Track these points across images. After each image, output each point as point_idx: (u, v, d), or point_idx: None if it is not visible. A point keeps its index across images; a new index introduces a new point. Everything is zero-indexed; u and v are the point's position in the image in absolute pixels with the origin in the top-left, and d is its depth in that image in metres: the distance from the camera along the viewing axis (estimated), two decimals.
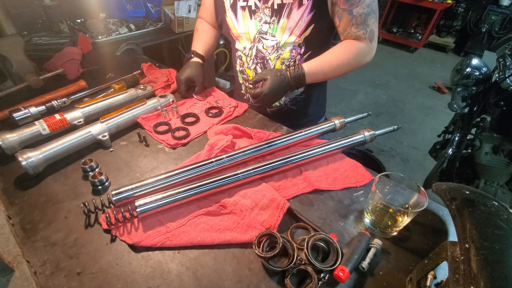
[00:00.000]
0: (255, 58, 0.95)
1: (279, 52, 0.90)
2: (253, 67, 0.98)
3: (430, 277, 0.46)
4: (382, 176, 0.61)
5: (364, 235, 0.54)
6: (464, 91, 1.53)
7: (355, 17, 0.80)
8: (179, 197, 0.60)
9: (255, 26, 0.89)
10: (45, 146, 0.70)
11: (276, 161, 0.69)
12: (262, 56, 0.93)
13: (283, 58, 0.91)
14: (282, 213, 0.60)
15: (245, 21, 0.90)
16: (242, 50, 0.97)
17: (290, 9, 0.82)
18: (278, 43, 0.88)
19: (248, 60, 0.98)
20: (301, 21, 0.82)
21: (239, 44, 0.98)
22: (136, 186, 0.62)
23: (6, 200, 0.64)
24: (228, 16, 0.93)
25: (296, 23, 0.83)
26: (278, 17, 0.84)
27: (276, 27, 0.86)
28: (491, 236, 0.39)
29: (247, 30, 0.91)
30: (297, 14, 0.82)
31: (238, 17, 0.91)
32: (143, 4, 1.86)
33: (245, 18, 0.89)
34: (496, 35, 4.11)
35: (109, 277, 0.51)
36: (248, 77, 1.02)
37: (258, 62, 0.95)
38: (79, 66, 1.16)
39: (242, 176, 0.65)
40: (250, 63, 0.97)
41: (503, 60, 1.39)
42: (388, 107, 3.21)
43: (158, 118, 0.90)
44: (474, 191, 0.49)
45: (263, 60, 0.94)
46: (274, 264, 0.52)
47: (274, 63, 0.93)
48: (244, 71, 1.02)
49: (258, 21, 0.88)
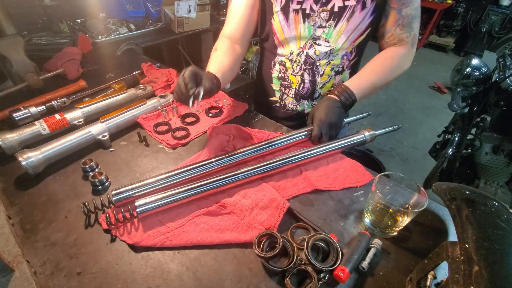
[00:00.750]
0: (303, 64, 0.89)
1: (330, 58, 0.86)
2: (299, 73, 0.91)
3: (430, 277, 0.46)
4: (382, 176, 0.61)
5: (364, 235, 0.54)
6: (464, 91, 1.53)
7: (403, 17, 0.77)
8: (179, 197, 0.60)
9: (309, 31, 0.83)
10: (45, 146, 0.70)
11: (276, 161, 0.69)
12: (311, 62, 0.87)
13: (333, 64, 0.87)
14: (282, 213, 0.60)
15: (298, 25, 0.83)
16: (288, 55, 0.90)
17: (352, 12, 0.77)
18: (333, 49, 0.84)
19: (294, 66, 0.91)
20: (361, 25, 0.79)
21: (283, 49, 0.90)
22: (136, 186, 0.62)
23: (6, 200, 0.64)
24: (276, 19, 0.85)
25: (355, 27, 0.79)
26: (336, 21, 0.79)
27: (331, 32, 0.81)
28: (491, 236, 0.39)
29: (298, 35, 0.85)
30: (359, 17, 0.78)
31: (290, 20, 0.83)
32: (143, 4, 1.86)
33: (297, 22, 0.83)
34: (496, 35, 4.11)
35: (109, 277, 0.51)
36: (291, 83, 0.95)
37: (307, 68, 0.89)
38: (79, 66, 1.16)
39: (242, 176, 0.65)
40: (297, 69, 0.90)
41: (503, 60, 1.39)
42: (388, 107, 3.21)
43: (158, 118, 0.90)
44: (474, 191, 0.48)
45: (313, 66, 0.88)
46: (274, 264, 0.52)
47: (324, 69, 0.88)
48: (286, 77, 0.95)
49: (312, 25, 0.82)
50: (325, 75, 0.89)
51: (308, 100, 0.97)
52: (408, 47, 0.82)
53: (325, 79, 0.90)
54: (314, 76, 0.90)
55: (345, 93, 0.77)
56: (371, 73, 0.81)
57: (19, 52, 1.03)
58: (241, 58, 0.93)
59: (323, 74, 0.89)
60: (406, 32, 0.80)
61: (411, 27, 0.79)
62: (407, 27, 0.79)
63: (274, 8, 0.84)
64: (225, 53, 0.86)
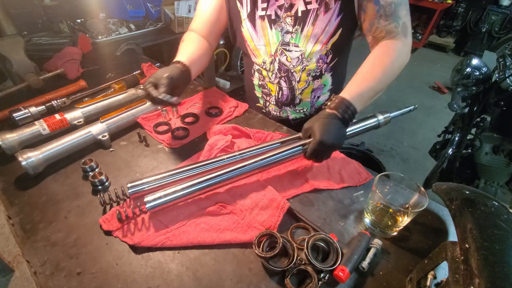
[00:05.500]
0: (278, 72, 0.87)
1: (304, 64, 0.83)
2: (276, 81, 0.90)
3: (430, 277, 0.46)
4: (382, 176, 0.61)
5: (364, 235, 0.54)
6: (464, 91, 1.53)
7: (383, 7, 0.70)
8: (189, 190, 0.60)
9: (277, 37, 0.81)
10: (45, 146, 0.70)
11: (283, 151, 0.66)
12: (286, 69, 0.86)
13: (309, 69, 0.84)
14: (282, 213, 0.60)
15: (265, 31, 0.82)
16: (262, 65, 0.89)
17: (315, 15, 0.75)
18: (303, 53, 0.81)
19: (269, 74, 0.89)
20: (328, 27, 0.76)
21: (256, 58, 0.89)
22: (152, 179, 0.63)
23: (6, 200, 0.64)
24: (245, 27, 0.84)
25: (322, 30, 0.76)
26: (302, 25, 0.77)
27: (299, 36, 0.79)
28: (491, 236, 0.39)
29: (267, 42, 0.83)
30: (324, 19, 0.75)
31: (257, 28, 0.82)
32: (143, 4, 1.86)
33: (265, 28, 0.81)
34: (496, 35, 4.11)
35: (109, 277, 0.51)
36: (270, 91, 0.94)
37: (282, 76, 0.87)
38: (79, 66, 1.16)
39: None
40: (273, 77, 0.89)
41: (503, 60, 1.39)
42: (388, 107, 3.19)
43: (158, 118, 0.90)
44: (474, 191, 0.48)
45: (288, 73, 0.86)
46: (274, 264, 0.52)
47: (299, 75, 0.86)
48: (265, 85, 0.94)
49: (279, 31, 0.80)
50: (302, 81, 0.87)
51: (290, 107, 0.95)
52: (400, 38, 0.73)
53: (303, 85, 0.88)
54: (291, 83, 0.88)
55: (343, 106, 0.66)
56: (369, 76, 0.71)
57: (19, 52, 1.03)
58: (210, 51, 0.92)
59: (300, 80, 0.87)
60: (394, 22, 0.71)
61: (397, 15, 0.71)
62: (392, 17, 0.70)
63: (241, 15, 0.83)
64: (192, 41, 0.86)
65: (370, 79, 0.71)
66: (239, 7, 0.82)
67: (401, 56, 0.73)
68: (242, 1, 0.80)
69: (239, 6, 0.82)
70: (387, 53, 0.72)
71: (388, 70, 0.72)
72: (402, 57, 0.73)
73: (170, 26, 1.91)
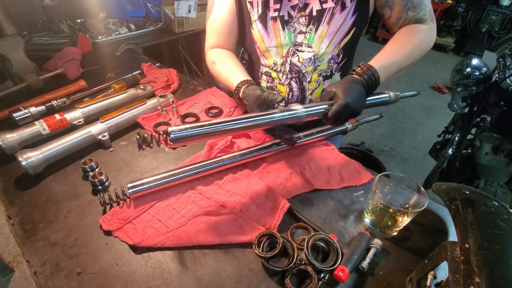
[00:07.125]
0: (289, 73, 0.85)
1: (316, 64, 0.82)
2: (286, 82, 0.88)
3: (430, 277, 0.46)
4: (382, 176, 0.61)
5: (364, 235, 0.54)
6: (464, 91, 1.53)
7: (410, 0, 0.73)
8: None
9: (289, 38, 0.80)
10: (45, 146, 0.70)
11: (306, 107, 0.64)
12: (297, 70, 0.84)
13: (320, 69, 0.84)
14: (282, 213, 0.60)
15: (277, 32, 0.80)
16: (272, 66, 0.87)
17: (331, 14, 0.74)
18: (316, 54, 0.80)
19: (280, 76, 0.88)
20: (344, 26, 0.76)
21: (266, 60, 0.87)
22: (152, 179, 0.64)
23: (6, 200, 0.64)
24: (255, 28, 0.82)
25: (337, 29, 0.76)
26: (317, 25, 0.76)
27: (312, 37, 0.78)
28: (491, 236, 0.39)
29: (279, 43, 0.82)
30: (340, 18, 0.75)
31: (269, 29, 0.80)
32: (143, 4, 1.86)
33: (276, 29, 0.80)
34: (496, 35, 4.12)
35: (109, 277, 0.51)
36: (280, 92, 0.91)
37: (293, 77, 0.86)
38: (79, 66, 1.16)
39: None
40: (283, 78, 0.87)
41: (503, 60, 1.39)
42: (388, 107, 3.19)
43: (158, 118, 0.90)
44: (474, 191, 0.48)
45: (299, 74, 0.85)
46: (274, 264, 0.52)
47: (310, 76, 0.85)
48: (274, 87, 0.92)
49: (292, 32, 0.79)
50: (313, 81, 0.86)
51: None
52: (429, 23, 0.76)
53: (313, 85, 0.87)
54: (302, 84, 0.87)
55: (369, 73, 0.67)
56: (397, 51, 0.73)
57: (19, 52, 1.04)
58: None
59: (311, 80, 0.86)
60: (422, 11, 0.74)
61: (423, 4, 0.74)
62: (420, 6, 0.74)
63: (252, 17, 0.81)
64: (229, 59, 0.87)
65: (397, 53, 0.73)
66: (249, 8, 0.81)
67: (427, 38, 0.76)
68: (253, 2, 0.79)
69: (249, 8, 0.81)
70: (416, 33, 0.75)
71: (415, 48, 0.74)
72: (428, 40, 0.76)
73: (170, 26, 1.91)
